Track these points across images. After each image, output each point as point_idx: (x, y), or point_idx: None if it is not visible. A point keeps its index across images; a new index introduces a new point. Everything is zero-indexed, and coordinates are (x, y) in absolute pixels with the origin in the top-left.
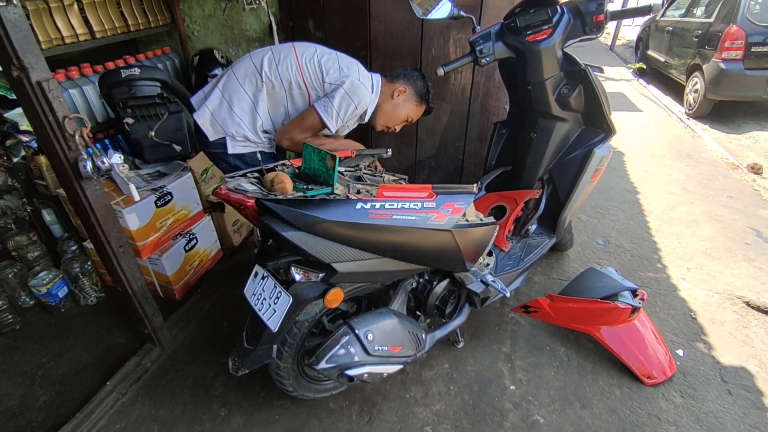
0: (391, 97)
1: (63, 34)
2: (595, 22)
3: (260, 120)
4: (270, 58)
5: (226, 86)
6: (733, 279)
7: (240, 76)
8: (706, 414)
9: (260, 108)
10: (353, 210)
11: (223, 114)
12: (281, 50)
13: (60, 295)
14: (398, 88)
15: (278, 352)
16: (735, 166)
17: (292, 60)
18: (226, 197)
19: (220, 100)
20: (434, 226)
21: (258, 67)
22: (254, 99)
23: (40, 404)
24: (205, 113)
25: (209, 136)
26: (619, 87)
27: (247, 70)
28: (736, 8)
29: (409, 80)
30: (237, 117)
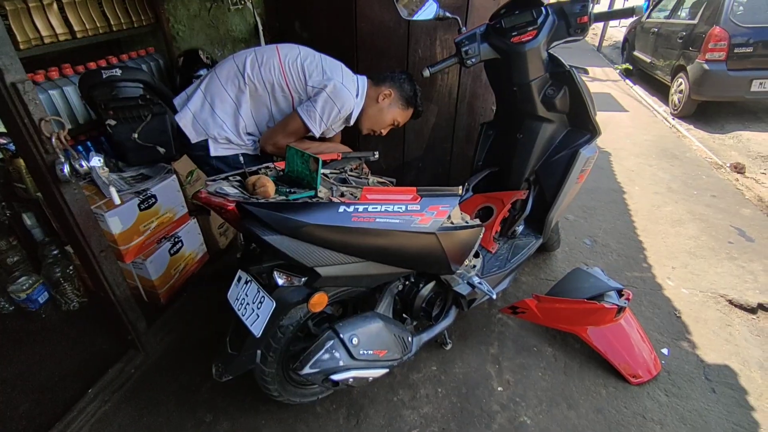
0: (376, 101)
1: (42, 34)
2: (579, 23)
3: (243, 122)
4: (253, 60)
5: (209, 88)
6: (717, 278)
7: (223, 78)
8: (691, 412)
9: (243, 110)
10: (336, 213)
11: (205, 116)
12: (264, 52)
13: (40, 300)
14: (383, 92)
15: (262, 357)
16: (718, 165)
17: (275, 62)
18: (206, 201)
19: (203, 101)
20: (418, 229)
21: (240, 69)
22: (237, 101)
23: (20, 413)
24: (187, 115)
25: (191, 138)
26: (606, 87)
27: (230, 72)
28: (720, 10)
29: (396, 83)
30: (219, 119)
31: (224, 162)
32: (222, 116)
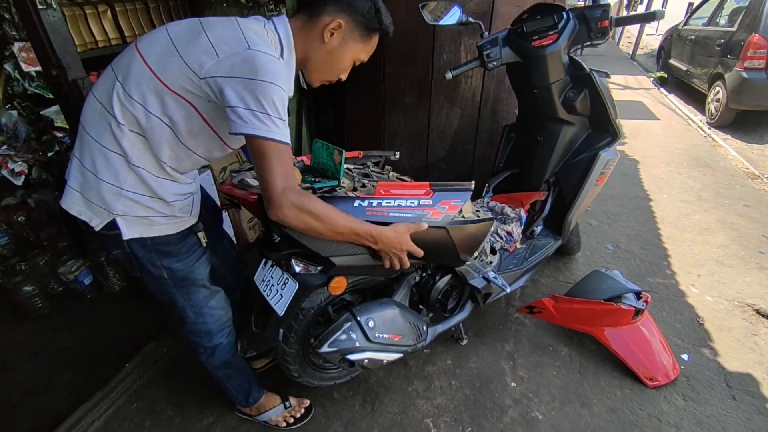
0: (321, 40)
1: (96, 38)
2: (600, 27)
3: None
4: (118, 89)
5: (82, 148)
6: (744, 287)
7: (94, 132)
8: (708, 417)
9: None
10: (351, 207)
11: (96, 190)
12: (125, 66)
13: (86, 282)
14: (328, 26)
15: (284, 336)
16: (755, 175)
17: (144, 72)
18: (230, 192)
19: (83, 172)
20: (430, 222)
21: (108, 109)
22: (124, 152)
23: (64, 383)
24: (75, 197)
25: (93, 224)
26: (638, 96)
27: (93, 118)
28: (759, 17)
29: (342, 7)
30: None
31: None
32: (115, 180)
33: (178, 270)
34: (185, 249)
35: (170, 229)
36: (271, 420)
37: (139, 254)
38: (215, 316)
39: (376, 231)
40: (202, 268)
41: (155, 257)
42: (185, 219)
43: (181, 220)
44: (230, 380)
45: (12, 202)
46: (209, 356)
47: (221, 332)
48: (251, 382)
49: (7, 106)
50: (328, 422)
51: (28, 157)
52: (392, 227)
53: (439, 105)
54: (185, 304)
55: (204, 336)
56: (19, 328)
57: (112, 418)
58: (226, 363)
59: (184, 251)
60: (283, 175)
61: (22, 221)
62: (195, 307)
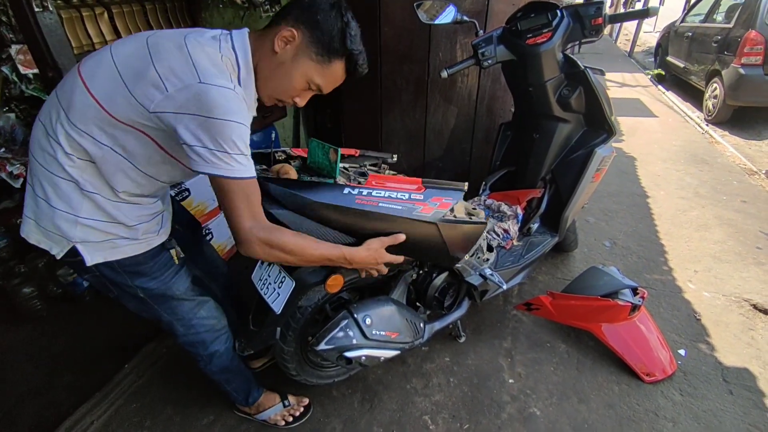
0: (272, 50)
1: (93, 40)
2: (593, 25)
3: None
4: (62, 119)
5: (33, 175)
6: (742, 282)
7: (42, 159)
8: (705, 412)
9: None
10: (340, 194)
11: (50, 219)
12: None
13: (85, 284)
14: (281, 34)
15: (282, 334)
16: (752, 171)
17: (89, 102)
18: None
19: (34, 198)
20: (420, 217)
21: (54, 137)
22: (74, 179)
23: (64, 384)
24: (30, 226)
25: (54, 252)
26: (636, 93)
27: (39, 147)
28: (756, 13)
29: (305, 18)
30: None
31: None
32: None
33: (153, 289)
34: (157, 267)
35: (137, 249)
36: (269, 418)
37: (109, 276)
38: (206, 326)
39: (349, 254)
40: (180, 282)
41: (126, 278)
42: (153, 237)
43: (148, 239)
44: (230, 383)
45: (10, 205)
46: (207, 364)
47: (217, 340)
48: (250, 383)
49: (4, 108)
50: (326, 420)
51: (26, 160)
52: (365, 246)
53: (436, 104)
54: (171, 318)
55: (199, 346)
56: (19, 329)
57: (112, 418)
58: (225, 369)
59: (157, 269)
60: (250, 214)
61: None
62: (182, 320)
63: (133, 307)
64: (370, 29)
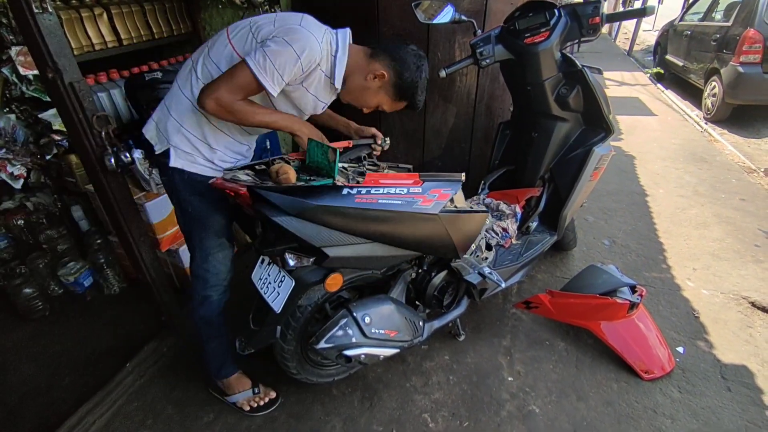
0: (364, 77)
1: (93, 41)
2: (591, 24)
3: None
4: (202, 51)
5: (171, 94)
6: (740, 280)
7: (180, 81)
8: (704, 409)
9: None
10: (340, 195)
11: (165, 122)
12: (215, 40)
13: (86, 284)
14: (375, 71)
15: (282, 333)
16: (751, 169)
17: (223, 40)
18: (221, 186)
19: (162, 108)
20: (420, 210)
21: (194, 65)
22: (194, 99)
23: (65, 383)
24: (151, 126)
25: (155, 147)
26: (635, 92)
27: (184, 72)
28: (754, 12)
29: (395, 65)
30: (177, 122)
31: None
32: (179, 118)
33: (197, 208)
34: (211, 195)
35: (206, 171)
36: (238, 402)
37: (176, 182)
38: (216, 268)
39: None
40: (219, 216)
41: (187, 190)
42: (221, 169)
43: (218, 168)
44: (208, 343)
45: (11, 206)
46: (199, 305)
47: (215, 287)
48: (226, 356)
49: (5, 109)
50: (327, 418)
51: (27, 161)
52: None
53: (435, 103)
54: (197, 244)
55: (201, 282)
56: (20, 329)
57: (114, 417)
58: (209, 320)
59: (209, 196)
60: (228, 90)
61: (21, 224)
62: (203, 251)
63: (179, 217)
64: (368, 30)
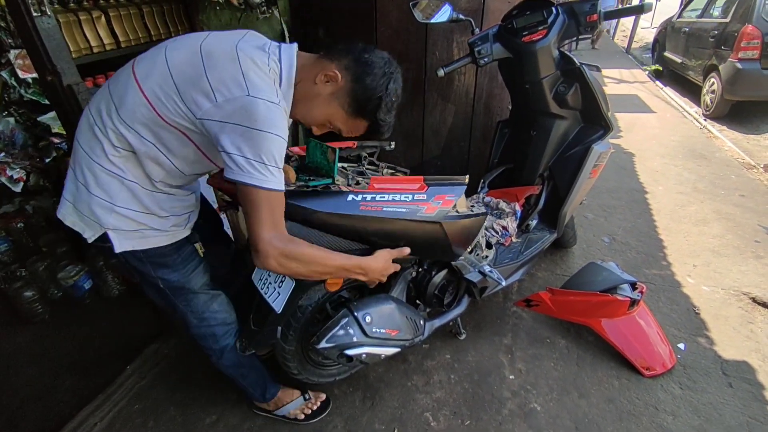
0: (313, 80)
1: (91, 44)
2: (588, 21)
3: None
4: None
5: (76, 161)
6: (740, 276)
7: (87, 146)
8: (705, 405)
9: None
10: (344, 202)
11: (87, 204)
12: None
13: (85, 287)
14: (327, 71)
15: (283, 334)
16: (750, 165)
17: (140, 101)
18: (218, 186)
19: (75, 182)
20: (424, 218)
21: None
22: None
23: (66, 386)
24: (68, 209)
25: (86, 236)
26: (633, 89)
27: (89, 132)
28: (752, 8)
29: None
30: (104, 201)
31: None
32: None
33: (174, 281)
34: (180, 260)
35: (163, 241)
36: (290, 413)
37: (134, 265)
38: (218, 319)
39: (365, 263)
40: (200, 276)
41: (149, 269)
42: (179, 231)
43: (175, 232)
44: (245, 378)
45: (11, 209)
46: (219, 358)
47: (227, 334)
48: (265, 379)
49: (4, 113)
50: (328, 418)
51: (26, 164)
52: (376, 256)
53: (433, 102)
54: (185, 310)
55: (210, 339)
56: (21, 333)
57: (115, 419)
58: (237, 363)
59: (180, 262)
60: (272, 224)
61: (21, 228)
62: (196, 313)
63: (152, 295)
64: (366, 30)
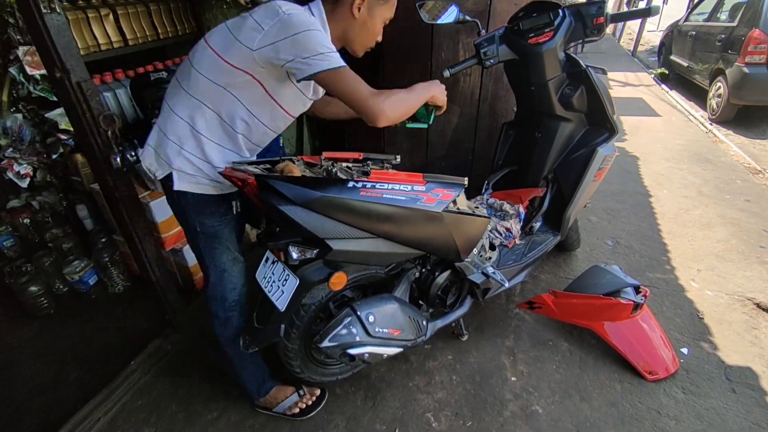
0: (352, 17)
1: (99, 41)
2: (595, 24)
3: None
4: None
5: (164, 116)
6: (745, 281)
7: (171, 101)
8: (708, 410)
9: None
10: (345, 188)
11: (164, 147)
12: (198, 53)
13: (90, 282)
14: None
15: (286, 332)
16: (756, 170)
17: (211, 55)
18: (229, 175)
19: (158, 132)
20: (424, 207)
21: (184, 86)
22: (191, 120)
23: (71, 380)
24: (149, 152)
25: (157, 174)
26: (639, 92)
27: (174, 91)
28: (759, 12)
29: None
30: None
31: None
32: (178, 141)
33: (208, 226)
34: (219, 211)
35: (211, 191)
36: (286, 410)
37: (182, 204)
38: (233, 283)
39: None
40: (229, 231)
41: (192, 211)
42: (227, 187)
43: (222, 185)
44: (244, 369)
45: (17, 205)
46: (222, 326)
47: (233, 306)
48: (264, 373)
49: (12, 109)
50: (330, 417)
51: (33, 160)
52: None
53: None
54: (210, 263)
55: (219, 302)
56: (26, 327)
57: (118, 414)
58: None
59: (216, 212)
60: (367, 89)
61: (27, 223)
62: (217, 268)
63: (189, 239)
64: None
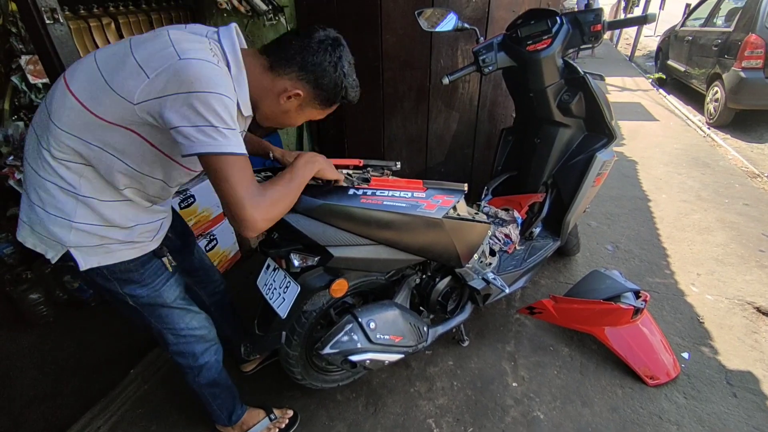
0: (277, 101)
1: None
2: (592, 31)
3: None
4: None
5: (27, 181)
6: (744, 285)
7: (35, 164)
8: (709, 415)
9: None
10: (346, 195)
11: (44, 224)
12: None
13: (90, 291)
14: (287, 91)
15: (287, 339)
16: (754, 174)
17: (74, 105)
18: None
19: (29, 204)
20: (424, 213)
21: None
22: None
23: (70, 389)
24: (26, 231)
25: (48, 256)
26: (637, 97)
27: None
28: (756, 17)
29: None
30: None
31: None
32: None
33: (143, 296)
34: (148, 274)
35: (130, 255)
36: None
37: (100, 283)
38: (197, 336)
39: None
40: (171, 290)
41: (116, 286)
42: (146, 244)
43: (141, 244)
44: (216, 398)
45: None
46: (196, 376)
47: (207, 351)
48: (235, 400)
49: (14, 117)
50: (331, 424)
51: None
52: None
53: (438, 110)
54: (161, 327)
55: (189, 356)
56: (25, 335)
57: (118, 423)
58: (214, 382)
59: (147, 276)
60: (248, 187)
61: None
62: (172, 329)
63: (126, 314)
64: (371, 37)
